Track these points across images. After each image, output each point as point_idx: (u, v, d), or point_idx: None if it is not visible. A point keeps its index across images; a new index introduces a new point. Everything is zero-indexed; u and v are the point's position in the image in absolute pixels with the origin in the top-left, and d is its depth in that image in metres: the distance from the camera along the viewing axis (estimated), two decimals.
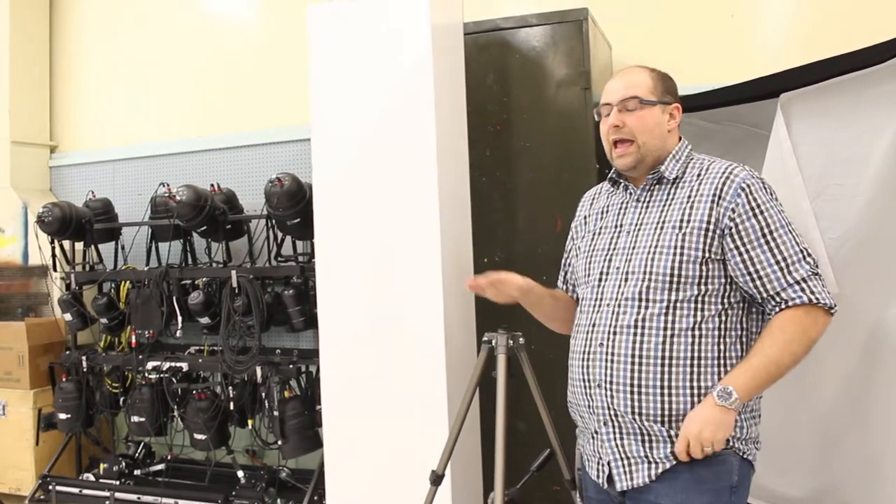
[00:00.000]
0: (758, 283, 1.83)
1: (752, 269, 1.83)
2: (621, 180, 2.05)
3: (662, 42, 3.65)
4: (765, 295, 1.83)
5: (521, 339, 2.12)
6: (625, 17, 3.69)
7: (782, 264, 1.81)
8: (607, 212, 2.08)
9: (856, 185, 2.39)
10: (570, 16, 3.14)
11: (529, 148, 3.19)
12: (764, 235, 1.83)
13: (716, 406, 1.76)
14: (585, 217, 2.17)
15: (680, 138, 2.03)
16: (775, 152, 2.56)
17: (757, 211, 1.84)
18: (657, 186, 1.98)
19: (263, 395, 3.97)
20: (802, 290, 1.80)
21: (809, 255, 1.84)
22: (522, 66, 3.21)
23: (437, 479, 2.18)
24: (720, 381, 1.80)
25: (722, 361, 1.84)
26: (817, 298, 1.80)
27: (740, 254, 1.84)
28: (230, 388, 4.01)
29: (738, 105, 2.87)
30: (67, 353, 4.48)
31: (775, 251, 1.82)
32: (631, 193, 2.02)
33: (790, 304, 1.80)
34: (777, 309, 1.82)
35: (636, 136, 1.94)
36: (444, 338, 2.67)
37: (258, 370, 3.93)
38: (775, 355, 1.79)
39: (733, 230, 1.84)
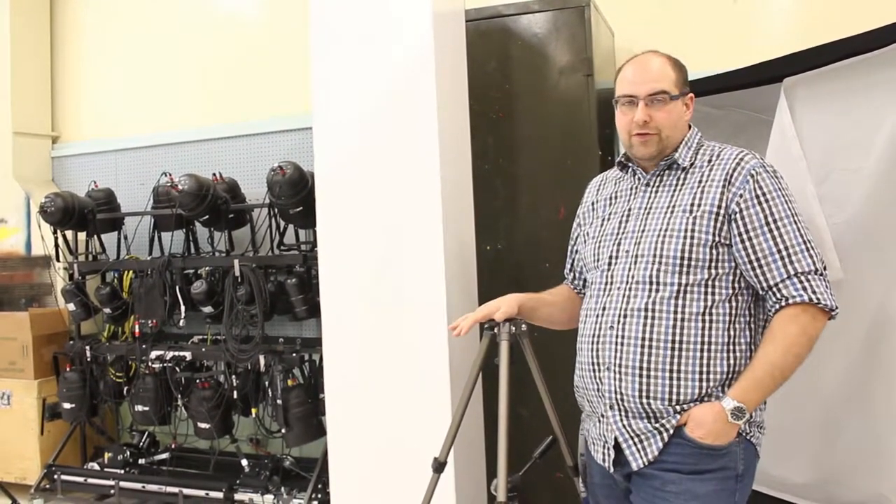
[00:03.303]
0: (758, 272, 1.81)
1: (753, 258, 1.81)
2: (630, 164, 2.03)
3: (665, 28, 3.64)
4: (765, 286, 1.82)
5: (523, 326, 2.11)
6: (627, 4, 3.67)
7: (784, 253, 1.79)
8: (616, 198, 2.07)
9: (860, 170, 2.37)
10: (572, 2, 3.12)
11: (532, 135, 3.18)
12: (767, 223, 1.81)
13: (728, 423, 1.77)
14: (593, 203, 2.16)
15: (690, 126, 2.02)
16: (779, 137, 2.54)
17: (763, 199, 1.82)
18: (667, 172, 1.97)
19: (267, 383, 3.99)
20: (804, 287, 1.78)
21: (815, 249, 1.82)
22: (524, 53, 3.19)
23: (439, 466, 2.18)
24: (730, 391, 1.79)
25: (731, 347, 1.83)
26: (818, 298, 1.78)
27: (742, 241, 1.82)
28: (234, 377, 4.02)
29: (741, 90, 2.85)
30: (71, 342, 4.49)
31: (777, 240, 1.80)
32: (640, 178, 2.01)
33: (790, 301, 1.79)
34: (777, 306, 1.81)
35: (661, 130, 1.92)
36: (446, 325, 2.66)
37: (261, 359, 3.95)
38: (779, 361, 1.78)
39: (738, 216, 1.83)
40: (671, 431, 1.83)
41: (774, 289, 1.80)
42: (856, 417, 2.50)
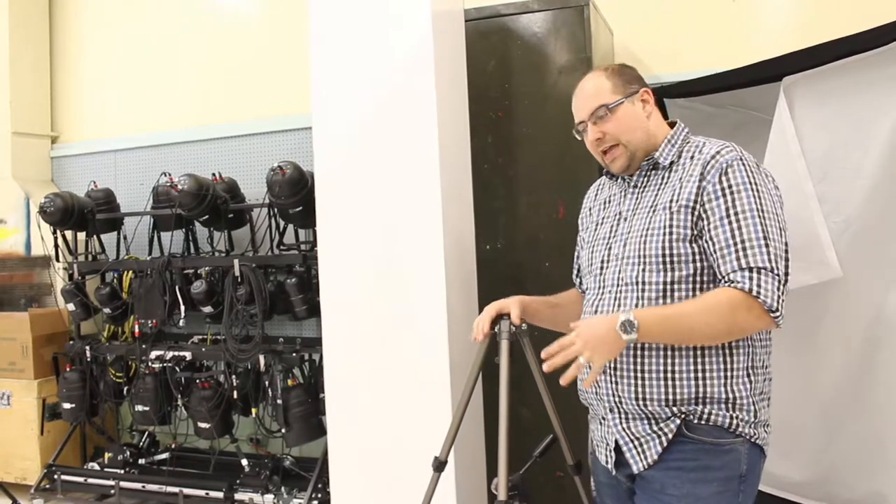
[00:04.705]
0: (716, 264, 1.78)
1: (712, 250, 1.78)
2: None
3: (664, 27, 3.64)
4: (719, 277, 1.78)
5: (523, 325, 2.11)
6: (626, 3, 3.67)
7: (739, 246, 1.74)
8: (610, 201, 2.08)
9: (859, 169, 2.37)
10: (572, 1, 3.13)
11: (531, 134, 3.18)
12: (728, 215, 1.76)
13: (614, 332, 1.70)
14: (590, 209, 2.17)
15: (675, 123, 2.01)
16: (778, 136, 2.54)
17: (727, 191, 1.78)
18: (653, 172, 1.96)
19: (267, 383, 3.99)
20: (749, 278, 1.71)
21: (775, 246, 1.75)
22: (524, 53, 3.20)
23: (439, 465, 2.18)
24: (632, 311, 1.73)
25: (725, 345, 1.80)
26: (759, 292, 1.70)
27: (704, 234, 1.80)
28: (233, 376, 4.02)
29: (740, 89, 2.85)
30: (71, 343, 4.49)
31: (735, 233, 1.75)
32: (628, 181, 2.01)
33: (732, 285, 1.73)
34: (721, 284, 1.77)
35: (619, 138, 1.94)
36: (446, 325, 2.67)
37: (261, 359, 3.95)
38: (690, 314, 1.73)
39: (702, 209, 1.80)
40: (670, 436, 1.81)
41: (725, 278, 1.75)
42: (855, 416, 2.50)
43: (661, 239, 1.83)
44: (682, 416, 1.80)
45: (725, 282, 1.75)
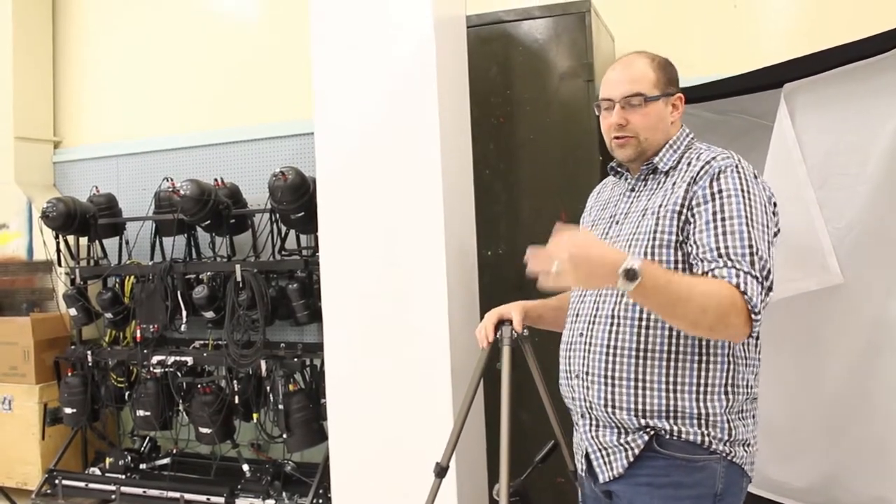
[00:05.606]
0: (698, 266, 1.67)
1: (695, 253, 1.69)
2: (622, 170, 2.00)
3: (665, 33, 3.64)
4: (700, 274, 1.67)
5: (525, 330, 2.11)
6: (627, 9, 3.68)
7: (722, 251, 1.64)
8: (608, 203, 2.05)
9: (859, 175, 2.38)
10: (573, 7, 3.14)
11: (532, 140, 3.19)
12: (714, 219, 1.68)
13: (614, 273, 1.51)
14: (591, 208, 2.14)
15: (681, 127, 1.94)
16: (779, 142, 2.55)
17: (717, 196, 1.70)
18: (651, 176, 1.91)
19: (268, 388, 3.99)
20: (736, 274, 1.60)
21: (760, 257, 1.64)
22: (525, 59, 3.21)
23: (441, 471, 2.18)
24: (643, 260, 1.54)
25: (703, 357, 1.73)
26: (744, 290, 1.58)
27: (690, 238, 1.72)
28: (235, 381, 4.02)
29: (741, 96, 2.86)
30: (73, 347, 4.50)
31: (719, 238, 1.65)
32: (628, 183, 1.97)
33: (724, 278, 1.61)
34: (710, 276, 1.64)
35: (639, 133, 1.86)
36: (448, 330, 2.67)
37: (263, 364, 3.95)
38: (692, 291, 1.58)
39: (690, 213, 1.73)
40: (636, 451, 1.76)
41: (710, 274, 1.64)
42: (857, 421, 2.50)
43: (646, 243, 1.77)
44: (653, 431, 1.74)
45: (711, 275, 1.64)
